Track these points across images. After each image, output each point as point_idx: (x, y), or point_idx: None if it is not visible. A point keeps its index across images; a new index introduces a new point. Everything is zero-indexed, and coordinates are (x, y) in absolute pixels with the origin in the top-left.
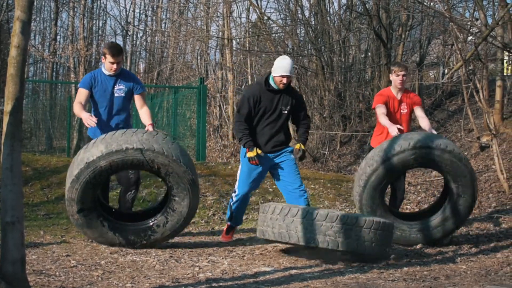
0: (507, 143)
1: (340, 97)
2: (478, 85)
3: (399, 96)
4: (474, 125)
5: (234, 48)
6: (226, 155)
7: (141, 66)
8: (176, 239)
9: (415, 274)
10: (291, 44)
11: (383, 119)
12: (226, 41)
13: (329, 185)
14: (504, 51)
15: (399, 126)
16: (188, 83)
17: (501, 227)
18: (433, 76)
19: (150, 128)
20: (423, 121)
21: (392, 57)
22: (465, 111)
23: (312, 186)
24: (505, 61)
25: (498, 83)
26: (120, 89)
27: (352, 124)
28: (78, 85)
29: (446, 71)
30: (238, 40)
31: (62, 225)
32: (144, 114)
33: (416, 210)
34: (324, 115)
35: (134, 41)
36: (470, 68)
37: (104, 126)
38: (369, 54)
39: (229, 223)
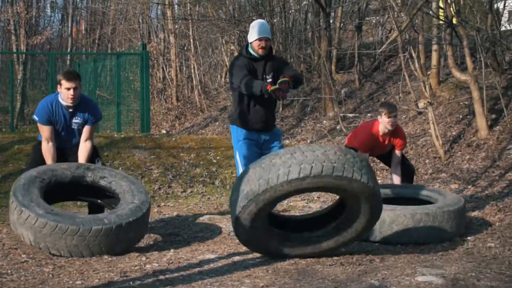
0: (443, 106)
1: None
2: (413, 54)
3: (386, 136)
4: (412, 89)
5: (174, 15)
6: (171, 118)
7: (83, 25)
8: None
9: (352, 257)
10: (232, 9)
11: None
12: (166, 7)
13: None
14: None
15: None
16: (131, 46)
17: None
18: (371, 37)
19: None
20: (396, 173)
21: (331, 19)
22: (403, 76)
23: None
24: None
25: (434, 47)
26: (76, 123)
27: None
28: (35, 118)
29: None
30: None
31: None
32: (82, 151)
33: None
34: None
35: (75, 2)
36: (405, 38)
37: (62, 142)
38: (309, 17)
39: None
